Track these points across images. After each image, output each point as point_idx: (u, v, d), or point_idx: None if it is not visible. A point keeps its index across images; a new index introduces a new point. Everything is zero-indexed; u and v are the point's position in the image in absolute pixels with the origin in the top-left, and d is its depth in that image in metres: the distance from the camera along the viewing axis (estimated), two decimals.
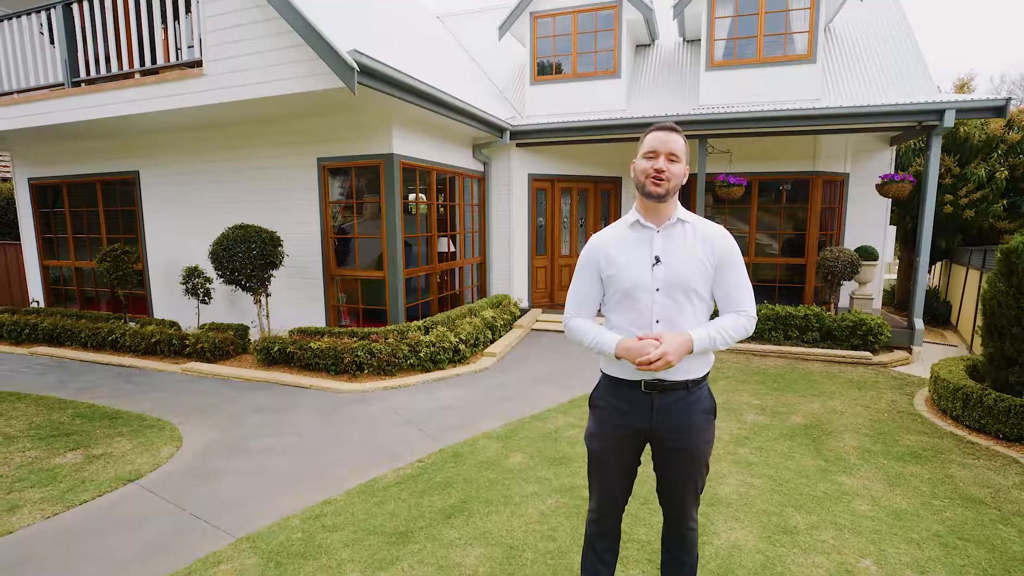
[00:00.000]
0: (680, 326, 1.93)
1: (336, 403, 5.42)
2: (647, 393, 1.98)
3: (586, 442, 2.17)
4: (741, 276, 1.99)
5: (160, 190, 8.26)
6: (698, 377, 1.99)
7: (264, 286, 6.91)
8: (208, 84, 5.96)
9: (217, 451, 4.32)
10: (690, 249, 1.94)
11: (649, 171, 1.91)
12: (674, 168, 1.90)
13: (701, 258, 1.93)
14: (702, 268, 1.93)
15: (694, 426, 1.98)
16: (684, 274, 1.91)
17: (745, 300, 1.99)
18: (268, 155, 7.40)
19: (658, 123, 1.96)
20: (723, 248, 1.96)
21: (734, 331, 1.95)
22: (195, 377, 6.43)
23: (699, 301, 1.96)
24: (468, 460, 4.04)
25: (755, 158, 8.71)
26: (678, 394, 1.97)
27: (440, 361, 6.33)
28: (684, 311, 1.93)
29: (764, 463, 3.93)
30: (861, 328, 7.09)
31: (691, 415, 1.97)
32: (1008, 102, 6.78)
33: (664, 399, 1.97)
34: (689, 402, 1.97)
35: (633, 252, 1.98)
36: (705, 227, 1.99)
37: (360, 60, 4.99)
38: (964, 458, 4.03)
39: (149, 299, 8.68)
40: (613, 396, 2.05)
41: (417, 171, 7.32)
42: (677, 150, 1.90)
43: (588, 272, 2.08)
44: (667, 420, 1.97)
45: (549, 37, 9.64)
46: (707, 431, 2.01)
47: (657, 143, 1.91)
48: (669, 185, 1.90)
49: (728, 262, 1.96)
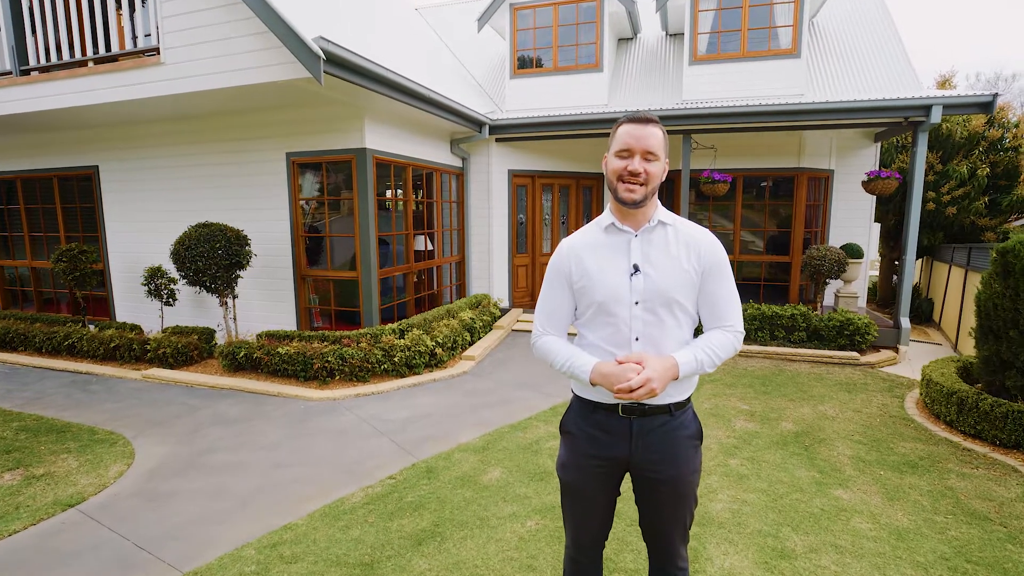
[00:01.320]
0: (662, 344, 1.71)
1: (304, 412, 5.12)
2: (625, 418, 1.74)
3: (558, 472, 1.92)
4: (729, 287, 1.76)
5: (121, 186, 7.82)
6: (682, 400, 1.77)
7: (230, 287, 6.55)
8: (166, 73, 5.58)
9: (172, 468, 3.99)
10: (673, 256, 1.70)
11: (622, 173, 1.65)
12: (652, 168, 1.65)
13: (686, 266, 1.70)
14: (687, 277, 1.70)
15: (679, 455, 1.75)
16: (667, 285, 1.68)
17: (733, 315, 1.76)
18: (235, 149, 7.02)
19: (631, 114, 1.69)
20: (710, 255, 1.72)
21: (722, 351, 1.72)
22: (156, 384, 6.06)
23: (683, 315, 1.73)
24: (442, 476, 3.77)
25: (740, 154, 8.54)
26: (660, 419, 1.74)
27: (416, 366, 6.05)
28: (667, 327, 1.71)
29: (756, 475, 3.72)
30: (848, 328, 6.96)
31: (675, 442, 1.75)
32: (995, 97, 6.68)
33: (645, 424, 1.74)
34: (672, 427, 1.75)
35: (608, 259, 1.73)
36: (689, 230, 1.75)
37: (326, 48, 4.67)
38: (962, 467, 3.87)
39: (111, 301, 8.24)
40: (587, 422, 1.81)
41: (392, 166, 7.00)
42: (654, 147, 1.64)
43: (557, 283, 1.83)
44: (648, 448, 1.74)
45: (529, 30, 9.36)
46: (694, 460, 1.79)
47: (630, 139, 1.65)
48: (647, 189, 1.65)
49: (715, 271, 1.73)
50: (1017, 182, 11.25)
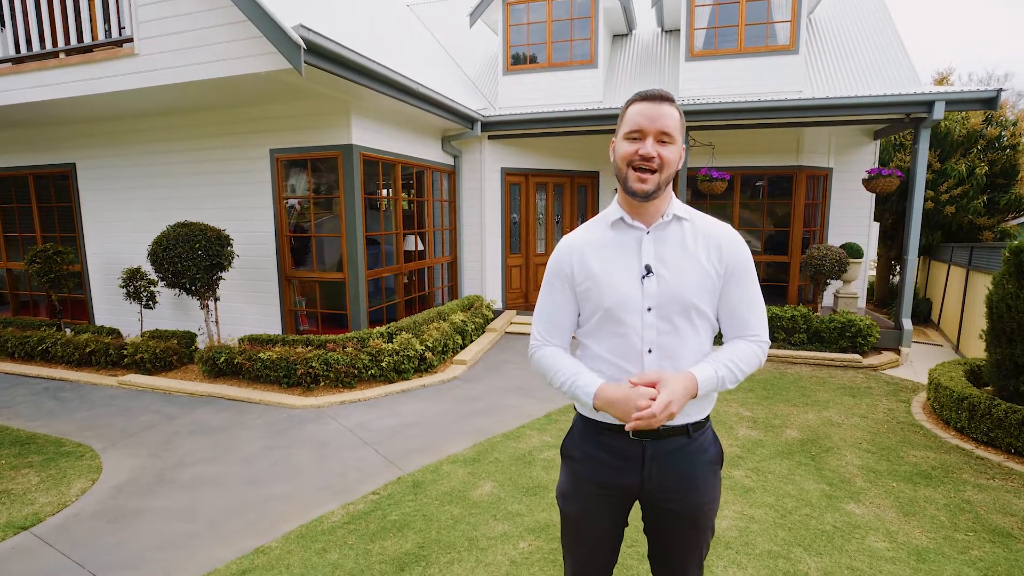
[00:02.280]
0: (679, 356, 1.49)
1: (286, 421, 4.87)
2: (637, 441, 1.52)
3: (558, 501, 1.70)
4: (753, 291, 1.55)
5: (99, 184, 7.54)
6: (701, 419, 1.56)
7: (212, 290, 6.28)
8: (140, 65, 5.32)
9: (140, 484, 3.74)
10: (691, 255, 1.49)
11: (633, 158, 1.44)
12: (667, 153, 1.43)
13: (706, 267, 1.49)
14: (707, 280, 1.49)
15: (698, 482, 1.54)
16: (684, 288, 1.46)
17: (758, 322, 1.55)
18: (216, 146, 6.75)
19: (643, 91, 1.46)
20: (733, 253, 1.51)
21: (746, 365, 1.51)
22: (132, 391, 5.79)
23: (702, 322, 1.52)
24: (430, 491, 3.54)
25: (738, 152, 8.36)
26: (677, 441, 1.53)
27: (405, 371, 5.80)
28: (684, 336, 1.49)
29: (763, 488, 3.51)
30: (850, 329, 6.77)
31: (694, 468, 1.54)
32: (999, 93, 6.50)
33: (659, 448, 1.52)
34: (691, 451, 1.54)
35: (615, 260, 1.52)
36: (709, 226, 1.54)
37: (307, 37, 4.43)
38: (978, 478, 3.67)
39: (90, 304, 7.96)
40: (592, 445, 1.59)
41: (380, 164, 6.76)
42: (670, 127, 1.43)
43: (557, 286, 1.61)
44: (664, 475, 1.52)
45: (523, 25, 9.13)
46: (714, 487, 1.58)
47: (642, 119, 1.43)
48: (660, 177, 1.43)
49: (740, 272, 1.52)
50: (1015, 181, 11.14)
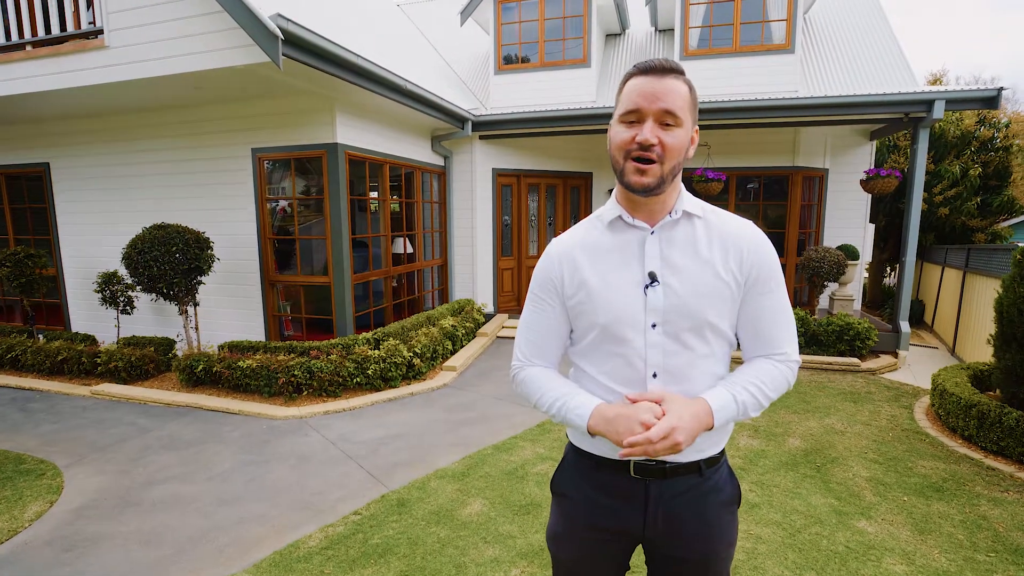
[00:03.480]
0: (690, 381, 1.25)
1: (266, 433, 4.62)
2: (639, 479, 1.29)
3: (549, 545, 1.46)
4: (781, 303, 1.29)
5: (74, 184, 7.25)
6: (715, 454, 1.32)
7: (191, 295, 6.02)
8: (111, 58, 5.07)
9: (103, 506, 3.48)
10: (705, 260, 1.24)
11: (630, 146, 1.18)
12: (670, 139, 1.17)
13: (722, 274, 1.23)
14: (724, 290, 1.24)
15: (712, 527, 1.30)
16: (696, 301, 1.22)
17: (785, 340, 1.29)
18: (197, 145, 6.49)
19: (643, 63, 1.19)
20: (755, 257, 1.25)
21: (773, 390, 1.26)
22: (105, 402, 5.52)
23: (717, 341, 1.27)
24: (415, 510, 3.31)
25: (733, 152, 8.20)
26: (687, 481, 1.29)
27: (392, 378, 5.57)
28: (695, 358, 1.25)
29: (768, 504, 3.32)
30: (848, 333, 6.62)
31: (707, 511, 1.30)
32: (1000, 92, 6.39)
33: (666, 489, 1.28)
34: (703, 492, 1.29)
35: (614, 266, 1.28)
36: (726, 225, 1.27)
37: (285, 27, 4.21)
38: (991, 491, 3.50)
39: (65, 309, 7.65)
40: (587, 481, 1.36)
41: (367, 164, 6.53)
42: (675, 106, 1.16)
43: (545, 298, 1.36)
44: (671, 520, 1.29)
45: (514, 24, 8.94)
46: (730, 531, 1.34)
47: (640, 98, 1.17)
48: (663, 168, 1.18)
49: (765, 281, 1.26)
50: (1007, 182, 11.10)
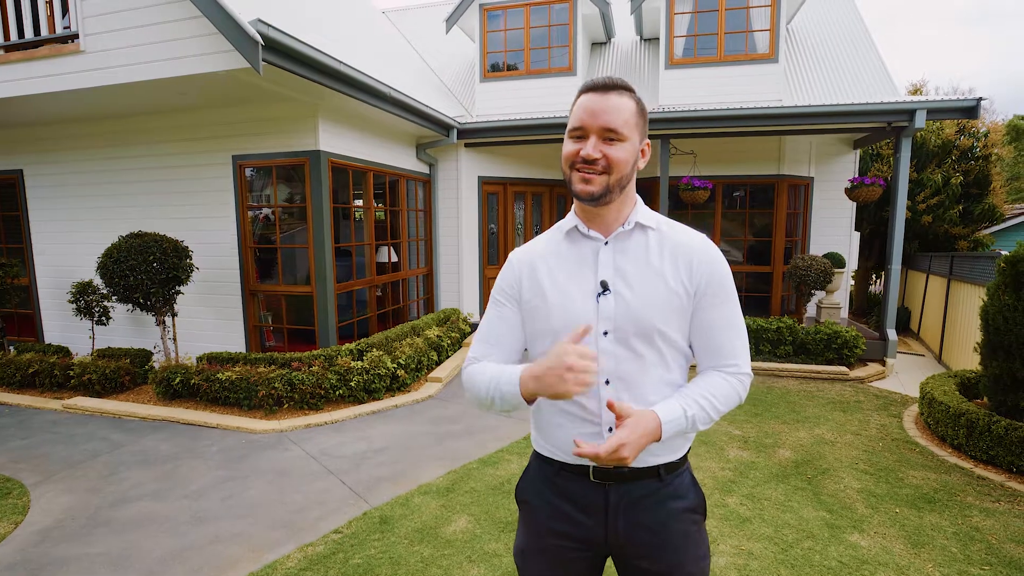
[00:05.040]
0: (641, 388, 1.26)
1: (245, 448, 4.48)
2: (599, 484, 1.30)
3: (516, 561, 1.43)
4: (731, 314, 1.30)
5: (49, 192, 7.07)
6: (674, 460, 1.31)
7: (168, 305, 5.88)
8: (87, 63, 4.94)
9: (71, 527, 3.33)
10: (656, 270, 1.27)
11: (575, 159, 1.23)
12: (614, 152, 1.21)
13: (672, 284, 1.26)
14: (674, 300, 1.25)
15: (675, 535, 1.29)
16: (646, 310, 1.24)
17: (736, 351, 1.30)
18: (176, 152, 6.36)
19: (591, 80, 1.24)
20: (707, 269, 1.27)
21: (723, 403, 1.26)
22: (78, 416, 5.34)
23: (669, 350, 1.28)
24: (398, 527, 3.20)
25: (719, 161, 8.22)
26: (647, 486, 1.29)
27: (376, 390, 5.45)
28: (647, 366, 1.26)
29: (759, 518, 3.25)
30: (836, 341, 6.62)
31: (668, 518, 1.29)
32: (979, 102, 6.46)
33: (625, 494, 1.29)
34: (662, 498, 1.29)
35: (568, 274, 1.31)
36: (678, 236, 1.30)
37: (266, 33, 4.12)
38: (983, 501, 3.47)
39: (38, 320, 7.43)
40: (549, 488, 1.36)
41: (350, 171, 6.44)
42: (616, 123, 1.20)
43: (504, 301, 1.39)
44: (632, 528, 1.28)
45: (500, 31, 8.92)
46: (697, 543, 1.32)
47: (584, 114, 1.22)
48: (609, 179, 1.22)
49: (714, 292, 1.27)
50: (987, 191, 11.25)
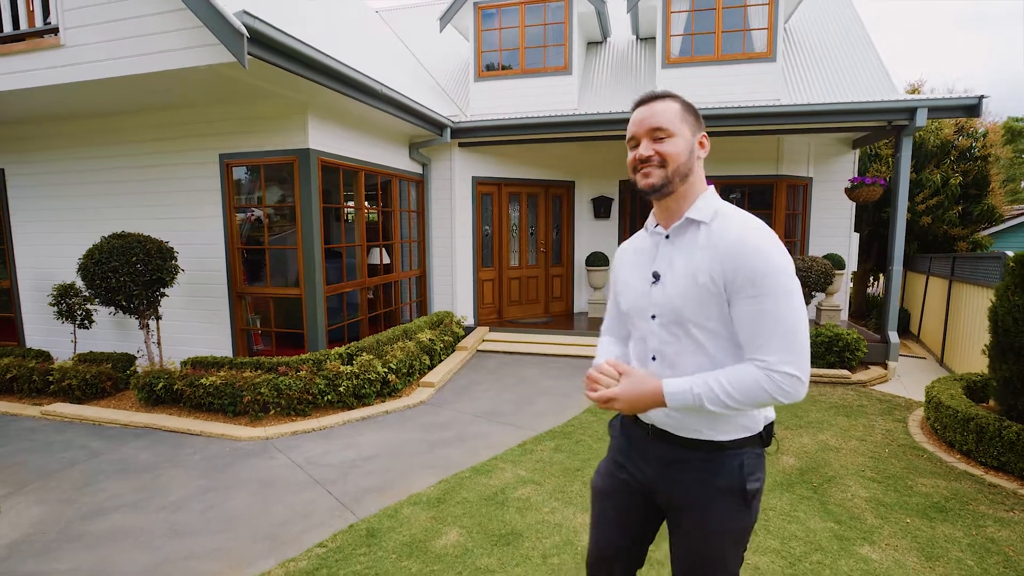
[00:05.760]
0: (679, 368, 1.41)
1: (229, 456, 4.31)
2: (645, 435, 1.53)
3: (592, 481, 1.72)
4: (767, 308, 1.28)
5: (31, 192, 6.88)
6: (720, 440, 1.40)
7: (152, 307, 5.70)
8: (67, 58, 4.77)
9: (41, 541, 3.15)
10: (694, 264, 1.37)
11: (635, 163, 1.45)
12: (665, 147, 1.38)
13: (701, 278, 1.35)
14: (702, 291, 1.34)
15: (706, 505, 1.41)
16: (677, 300, 1.38)
17: (769, 345, 1.28)
18: (161, 150, 6.18)
19: (639, 96, 1.48)
20: (734, 263, 1.31)
21: (740, 392, 1.28)
22: (56, 423, 5.15)
23: (708, 337, 1.37)
24: (386, 541, 3.04)
25: (718, 161, 8.09)
26: (690, 454, 1.43)
27: (366, 396, 5.29)
28: (686, 349, 1.40)
29: (765, 529, 3.11)
30: (838, 344, 6.49)
31: (703, 488, 1.42)
32: (981, 100, 6.37)
33: (666, 453, 1.47)
34: (705, 470, 1.41)
35: (638, 265, 1.53)
36: (721, 229, 1.36)
37: (251, 25, 3.97)
38: (996, 510, 3.33)
39: (20, 323, 7.24)
40: (623, 429, 1.63)
41: (341, 171, 6.28)
42: (662, 122, 1.39)
43: (612, 286, 1.71)
44: (669, 485, 1.48)
45: (495, 30, 8.79)
46: (727, 519, 1.41)
47: (634, 126, 1.44)
48: (666, 172, 1.39)
49: (743, 285, 1.30)
50: (986, 191, 11.18)
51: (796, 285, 1.30)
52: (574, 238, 9.60)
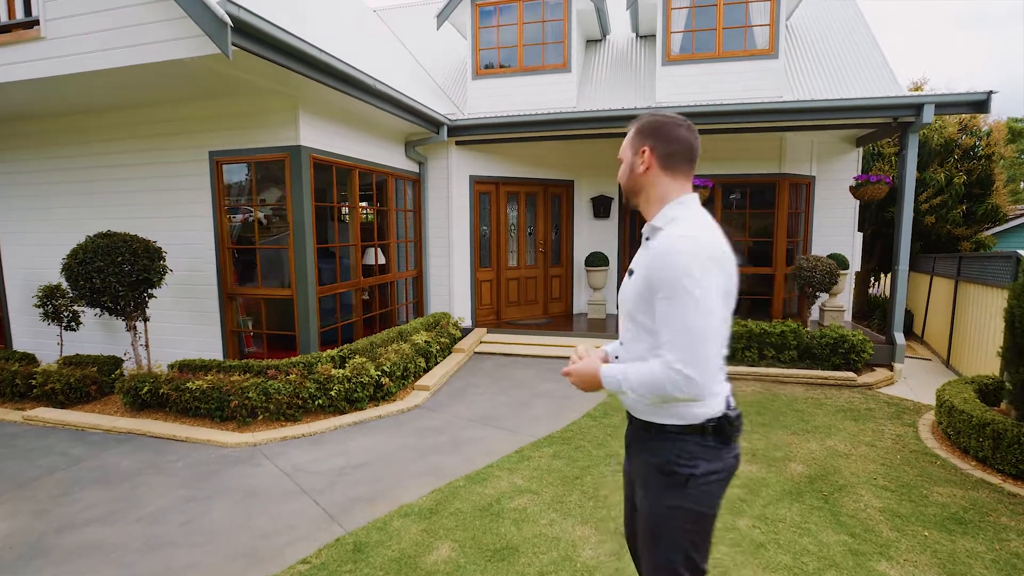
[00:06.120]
0: (631, 353, 1.59)
1: (214, 463, 4.14)
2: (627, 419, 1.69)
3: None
4: (672, 310, 1.39)
5: (17, 192, 6.72)
6: (661, 423, 1.51)
7: (139, 309, 5.53)
8: (48, 51, 4.61)
9: (6, 557, 2.98)
10: (640, 266, 1.55)
11: None
12: (619, 172, 1.66)
13: (638, 280, 1.52)
14: (639, 291, 1.51)
15: (645, 479, 1.57)
16: (629, 294, 1.57)
17: (672, 345, 1.38)
18: (149, 148, 6.02)
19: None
20: (657, 268, 1.44)
21: (644, 383, 1.42)
22: (38, 428, 4.98)
23: (642, 331, 1.53)
24: (374, 556, 2.87)
25: (719, 159, 7.95)
26: (642, 435, 1.58)
27: (358, 400, 5.12)
28: (639, 340, 1.55)
29: (775, 543, 2.94)
30: (843, 345, 6.33)
31: (641, 465, 1.59)
32: (989, 95, 6.21)
33: (631, 434, 1.67)
34: (644, 448, 1.57)
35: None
36: (662, 235, 1.50)
37: (235, 14, 3.80)
38: (1018, 522, 3.17)
39: (7, 325, 7.07)
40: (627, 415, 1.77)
41: (334, 168, 6.12)
42: (620, 151, 1.66)
43: None
44: (630, 462, 1.69)
45: (492, 28, 8.63)
46: (661, 495, 1.50)
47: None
48: (623, 186, 1.65)
49: (659, 287, 1.42)
50: (990, 190, 11.03)
51: (704, 292, 1.35)
52: (573, 238, 9.43)
